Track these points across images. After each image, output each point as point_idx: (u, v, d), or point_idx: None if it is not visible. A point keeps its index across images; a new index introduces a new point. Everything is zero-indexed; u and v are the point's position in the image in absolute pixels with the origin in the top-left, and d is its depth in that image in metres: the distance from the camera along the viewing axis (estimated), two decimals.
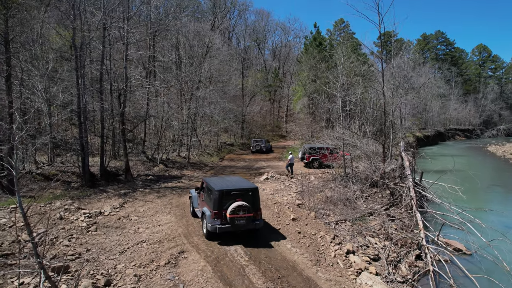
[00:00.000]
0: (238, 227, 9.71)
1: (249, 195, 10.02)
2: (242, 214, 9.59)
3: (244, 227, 9.79)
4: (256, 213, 10.00)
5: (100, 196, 14.85)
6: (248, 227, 9.87)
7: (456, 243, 11.61)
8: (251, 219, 9.82)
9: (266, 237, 10.22)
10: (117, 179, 20.30)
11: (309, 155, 23.64)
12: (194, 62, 28.68)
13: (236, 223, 9.60)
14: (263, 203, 13.59)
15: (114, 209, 12.91)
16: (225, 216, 9.60)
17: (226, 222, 9.61)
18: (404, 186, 17.21)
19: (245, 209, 9.63)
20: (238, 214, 9.56)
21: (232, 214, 9.50)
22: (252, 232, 10.47)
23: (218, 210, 9.60)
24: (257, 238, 10.12)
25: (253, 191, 10.15)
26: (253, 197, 10.08)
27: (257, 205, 10.14)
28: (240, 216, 9.59)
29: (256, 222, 9.99)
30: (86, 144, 18.57)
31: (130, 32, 21.45)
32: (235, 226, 9.64)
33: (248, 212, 9.67)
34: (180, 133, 27.19)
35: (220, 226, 9.54)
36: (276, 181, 18.52)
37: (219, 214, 9.60)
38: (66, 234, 10.02)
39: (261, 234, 10.48)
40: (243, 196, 9.90)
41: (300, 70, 38.95)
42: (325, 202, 14.26)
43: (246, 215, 9.63)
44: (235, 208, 9.53)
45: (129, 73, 22.01)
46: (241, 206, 9.59)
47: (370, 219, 13.72)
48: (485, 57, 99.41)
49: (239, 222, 9.63)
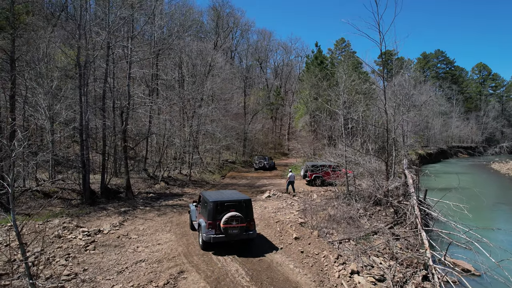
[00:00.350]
0: (232, 237, 10.04)
1: (242, 206, 10.42)
2: (235, 224, 9.96)
3: (238, 237, 10.13)
4: (249, 224, 10.33)
5: (100, 214, 14.65)
6: (242, 237, 10.21)
7: (464, 263, 11.27)
8: (244, 229, 10.18)
9: (268, 257, 9.95)
10: (117, 196, 20.12)
11: (311, 172, 23.45)
12: (196, 81, 29.00)
13: (229, 232, 9.95)
14: (265, 222, 13.36)
15: (114, 227, 12.68)
16: (219, 227, 9.95)
17: (220, 232, 9.97)
18: (408, 204, 16.91)
19: (238, 219, 10.00)
20: (231, 224, 9.92)
21: (225, 224, 9.85)
22: (246, 244, 10.72)
23: (212, 221, 9.99)
24: (258, 257, 9.85)
25: (246, 203, 10.56)
26: (246, 208, 10.47)
27: (250, 216, 10.52)
28: (233, 226, 9.95)
29: (249, 232, 10.34)
30: (88, 161, 18.53)
31: (134, 51, 21.80)
32: (229, 236, 9.98)
33: (241, 222, 10.03)
34: (182, 150, 27.16)
35: (214, 236, 9.93)
36: (278, 199, 18.28)
37: (213, 224, 9.99)
38: (63, 253, 9.79)
39: (262, 253, 10.21)
40: (237, 207, 10.30)
41: (301, 88, 39.27)
42: (328, 221, 13.99)
43: (239, 225, 10.00)
44: (228, 218, 9.89)
45: (132, 91, 22.22)
46: (234, 217, 9.95)
47: (374, 238, 13.40)
48: (485, 76, 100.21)
49: (233, 232, 9.98)
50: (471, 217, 15.40)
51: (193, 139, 27.18)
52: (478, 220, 16.47)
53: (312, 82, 33.59)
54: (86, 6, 19.29)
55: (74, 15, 21.10)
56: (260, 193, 20.85)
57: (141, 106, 22.12)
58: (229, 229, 9.94)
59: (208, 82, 28.64)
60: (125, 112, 21.19)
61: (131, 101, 21.52)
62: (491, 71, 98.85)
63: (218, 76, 31.05)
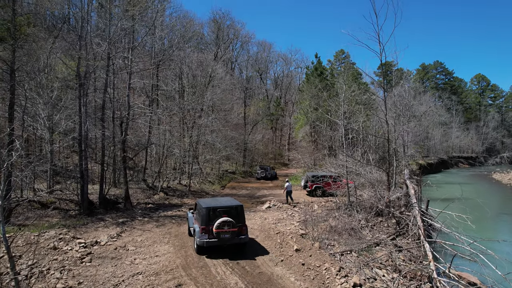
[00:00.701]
0: (224, 241, 10.51)
1: (234, 212, 10.89)
2: (227, 229, 10.43)
3: (230, 241, 10.58)
4: (240, 228, 10.75)
5: (97, 225, 14.41)
6: (233, 241, 10.66)
7: (469, 276, 11.00)
8: (236, 233, 10.62)
9: (268, 269, 9.71)
10: (116, 207, 19.89)
11: (312, 183, 23.24)
12: (197, 91, 29.05)
13: (221, 237, 10.42)
14: (265, 233, 13.13)
15: (111, 239, 12.45)
16: (212, 231, 10.40)
17: (213, 236, 10.42)
18: (410, 215, 16.68)
19: (230, 224, 10.47)
20: (223, 229, 10.38)
21: (217, 229, 10.33)
22: (239, 248, 11.11)
23: (205, 226, 10.46)
24: (258, 270, 9.60)
25: (237, 209, 11.04)
26: (237, 213, 10.93)
27: (242, 221, 10.94)
28: (225, 231, 10.42)
29: (241, 237, 10.77)
30: (86, 171, 18.37)
31: (134, 62, 21.87)
32: (221, 240, 10.45)
33: (233, 227, 10.50)
34: (181, 161, 27.00)
35: (207, 240, 10.38)
36: (279, 210, 18.05)
37: (206, 229, 10.44)
38: (58, 265, 9.55)
39: (263, 265, 9.97)
40: (229, 212, 10.79)
41: (301, 99, 39.36)
42: (329, 232, 13.75)
43: (231, 230, 10.46)
44: (220, 223, 10.37)
45: (132, 102, 22.21)
46: (226, 222, 10.44)
47: (377, 249, 13.14)
48: (484, 86, 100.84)
49: (224, 237, 10.46)
50: (475, 228, 15.13)
51: (193, 150, 27.05)
52: (482, 231, 16.22)
53: (312, 92, 33.66)
54: (87, 17, 19.37)
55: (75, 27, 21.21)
56: (260, 204, 20.61)
57: (141, 116, 22.04)
58: (221, 233, 10.39)
59: (208, 93, 28.68)
60: (124, 122, 21.12)
61: (131, 111, 21.49)
62: (490, 82, 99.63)
63: (218, 86, 31.12)
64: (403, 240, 14.54)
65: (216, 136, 29.62)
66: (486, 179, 48.16)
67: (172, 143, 24.13)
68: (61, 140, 23.63)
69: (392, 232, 15.26)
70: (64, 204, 19.08)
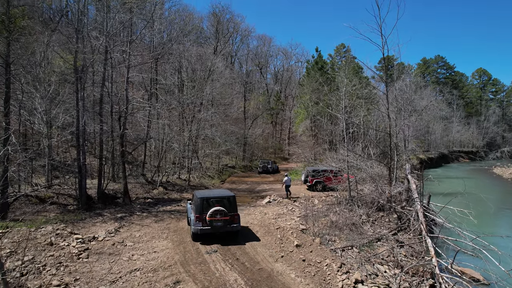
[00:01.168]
0: (217, 229, 11.26)
1: (226, 202, 11.65)
2: (219, 217, 11.15)
3: (222, 229, 11.33)
4: (232, 217, 11.44)
5: (95, 220, 14.25)
6: (226, 229, 11.39)
7: (472, 272, 10.84)
8: (228, 222, 11.34)
9: (268, 265, 9.54)
10: (115, 202, 19.75)
11: (312, 177, 23.05)
12: (196, 85, 28.73)
13: (214, 225, 11.16)
14: (265, 228, 12.96)
15: (109, 234, 12.29)
16: (205, 220, 11.12)
17: (207, 224, 11.15)
18: (412, 210, 16.52)
19: (222, 213, 11.19)
20: (215, 217, 11.12)
21: (210, 217, 11.06)
22: (231, 236, 11.74)
23: (199, 214, 11.20)
24: (259, 266, 9.44)
25: (230, 199, 11.79)
26: (230, 203, 11.66)
27: (234, 210, 11.61)
28: (218, 219, 11.17)
29: (233, 225, 11.47)
30: (84, 166, 18.18)
31: (132, 55, 21.57)
32: (214, 228, 11.20)
33: (225, 216, 11.22)
34: (181, 155, 26.80)
35: (201, 228, 11.13)
36: (279, 205, 17.88)
37: (200, 218, 11.18)
38: (55, 261, 9.39)
39: (262, 261, 9.81)
40: (221, 202, 11.55)
41: (302, 93, 39.02)
42: (330, 227, 13.59)
43: (223, 218, 11.20)
44: (213, 212, 11.09)
45: (130, 96, 21.96)
46: (218, 210, 11.16)
47: (378, 245, 12.99)
48: (485, 81, 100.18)
49: (217, 224, 11.20)
50: (477, 223, 14.99)
51: (193, 144, 26.83)
52: (484, 226, 16.05)
53: (312, 86, 33.34)
54: (84, 10, 19.02)
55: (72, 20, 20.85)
56: (260, 198, 20.45)
57: (140, 110, 21.79)
58: (214, 221, 11.13)
59: (207, 87, 28.39)
60: (123, 117, 20.90)
61: (129, 105, 21.25)
62: (491, 76, 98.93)
63: (218, 81, 30.79)
64: (404, 235, 14.39)
65: (215, 131, 29.38)
66: (487, 174, 48.00)
67: (171, 137, 23.88)
68: (59, 134, 23.41)
69: (394, 227, 15.10)
70: (63, 199, 18.93)
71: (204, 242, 11.38)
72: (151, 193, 22.18)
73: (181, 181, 25.61)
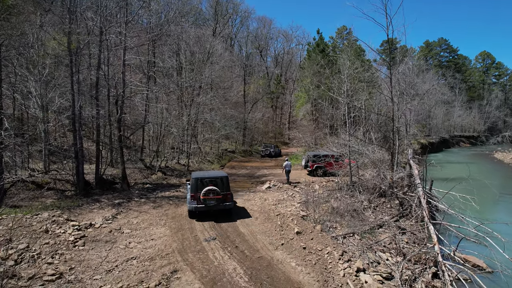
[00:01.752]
0: (210, 207, 12.11)
1: (219, 181, 12.42)
2: (212, 196, 12.00)
3: (215, 207, 12.17)
4: (225, 196, 12.27)
5: (93, 206, 14.03)
6: (219, 207, 12.22)
7: (475, 259, 10.66)
8: (221, 200, 12.17)
9: (268, 253, 9.34)
10: (113, 187, 19.56)
11: (313, 162, 22.76)
12: (195, 68, 28.04)
13: (207, 203, 12.02)
14: (265, 215, 12.74)
15: (106, 221, 12.08)
16: (200, 198, 11.98)
17: (201, 203, 12.02)
18: (414, 196, 16.30)
19: (214, 192, 12.03)
20: (209, 196, 11.96)
21: (204, 196, 11.93)
22: (224, 213, 12.64)
23: (194, 193, 12.09)
24: (258, 254, 9.24)
25: (222, 179, 12.57)
26: (222, 183, 12.42)
27: (226, 190, 12.39)
28: (211, 198, 12.01)
29: (226, 204, 12.31)
30: (81, 151, 17.86)
31: (129, 37, 20.89)
32: (207, 206, 12.06)
33: (217, 195, 12.06)
34: (180, 140, 26.43)
35: (195, 206, 12.06)
36: (279, 190, 17.66)
37: (195, 197, 12.07)
38: (50, 249, 9.18)
39: (262, 248, 9.60)
40: (214, 182, 12.34)
41: (303, 76, 38.27)
42: (331, 214, 13.38)
43: (216, 197, 12.04)
44: (206, 191, 11.95)
45: (127, 79, 21.40)
46: (211, 190, 12.00)
47: (380, 231, 12.80)
48: (488, 64, 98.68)
49: (210, 203, 12.04)
50: (479, 209, 14.78)
51: (192, 128, 26.43)
52: (487, 212, 15.87)
53: (313, 70, 32.62)
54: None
55: None
56: (260, 184, 20.23)
57: (137, 94, 21.27)
58: (207, 200, 11.98)
59: (206, 70, 27.70)
60: (120, 101, 20.44)
61: (126, 89, 20.74)
62: (495, 60, 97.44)
63: (217, 63, 30.05)
64: (406, 222, 14.20)
65: (215, 115, 28.88)
66: (487, 159, 47.75)
67: (170, 121, 23.45)
68: (56, 119, 22.98)
69: (396, 214, 14.90)
70: (60, 185, 18.71)
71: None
72: (150, 178, 21.96)
73: (180, 166, 25.35)
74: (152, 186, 19.98)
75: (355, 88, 31.71)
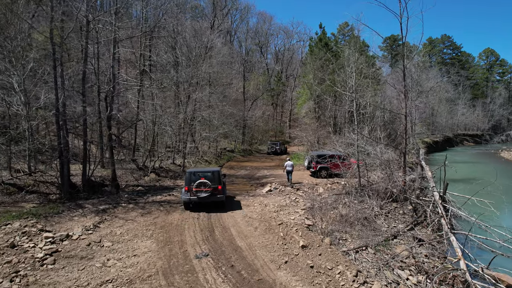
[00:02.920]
0: (202, 199, 12.93)
1: (210, 175, 13.28)
2: (203, 188, 12.85)
3: (207, 199, 12.98)
4: (216, 189, 13.02)
5: (74, 213, 12.60)
6: (211, 199, 13.04)
7: (509, 278, 9.24)
8: (212, 193, 12.96)
9: (269, 275, 7.91)
10: (102, 190, 18.12)
11: (316, 163, 21.31)
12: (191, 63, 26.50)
13: (199, 195, 12.88)
14: (266, 224, 11.33)
15: (86, 231, 10.65)
16: (192, 191, 12.88)
17: (193, 195, 12.92)
18: (428, 201, 14.90)
19: (206, 184, 12.88)
20: (200, 188, 12.84)
21: (196, 188, 12.84)
22: (216, 206, 13.41)
23: (187, 186, 13.02)
24: (258, 276, 7.82)
25: (214, 173, 13.44)
26: (213, 177, 13.22)
27: (218, 183, 13.14)
28: (202, 190, 12.86)
29: (218, 196, 13.10)
30: (66, 150, 16.41)
31: (121, 28, 19.42)
32: (200, 198, 12.90)
33: (209, 187, 12.87)
34: (175, 139, 24.98)
35: (189, 198, 12.99)
36: (281, 194, 16.22)
37: (188, 189, 12.98)
38: (10, 270, 7.75)
39: (263, 268, 8.18)
40: (206, 176, 13.19)
41: (305, 72, 36.74)
42: (339, 222, 11.96)
43: (207, 189, 12.86)
44: (197, 184, 12.86)
45: (119, 75, 19.98)
46: (202, 183, 12.88)
47: (395, 243, 11.39)
48: (492, 61, 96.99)
49: (202, 195, 12.88)
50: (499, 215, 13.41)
51: (188, 126, 24.96)
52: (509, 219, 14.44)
53: (316, 65, 31.10)
54: None
55: None
56: (260, 186, 18.81)
57: (128, 89, 19.82)
58: (199, 192, 12.85)
59: (204, 65, 26.17)
60: (109, 97, 19.01)
61: (116, 84, 19.30)
62: (499, 57, 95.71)
63: (215, 58, 28.52)
64: (422, 231, 12.79)
65: (212, 112, 27.39)
66: (494, 158, 46.28)
67: (164, 119, 21.98)
68: (42, 116, 21.50)
69: (410, 221, 13.48)
70: (45, 187, 17.31)
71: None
72: (142, 180, 20.54)
73: (176, 167, 23.91)
74: (144, 189, 18.56)
75: (360, 84, 30.25)
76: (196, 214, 12.63)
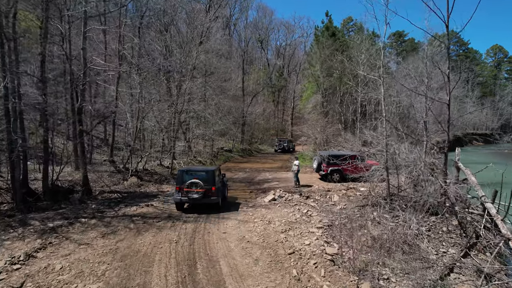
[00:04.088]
0: (193, 200, 11.78)
1: (204, 175, 12.06)
2: (195, 189, 11.73)
3: (199, 201, 11.80)
4: (209, 190, 11.78)
5: (10, 234, 9.28)
6: (203, 201, 11.85)
7: None
8: (204, 194, 11.74)
9: None
10: (69, 197, 14.79)
11: (327, 165, 17.98)
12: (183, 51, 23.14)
13: (190, 196, 11.73)
14: (271, 252, 8.04)
15: (11, 265, 7.35)
16: (183, 191, 11.77)
17: (185, 195, 11.79)
18: (474, 212, 11.61)
19: (197, 185, 11.73)
20: (191, 189, 11.74)
21: (187, 188, 11.76)
22: (211, 207, 12.12)
23: (179, 186, 11.92)
24: None
25: (208, 172, 12.20)
26: (207, 177, 11.99)
27: (211, 184, 11.87)
28: (194, 191, 11.74)
29: (211, 198, 11.86)
30: (22, 147, 13.08)
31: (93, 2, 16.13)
32: (191, 200, 11.76)
33: (201, 188, 11.71)
34: (163, 136, 21.63)
35: (180, 198, 11.88)
36: (288, 205, 12.88)
37: (180, 189, 11.88)
38: None
39: None
40: (199, 176, 12.02)
41: (311, 63, 33.36)
42: (372, 248, 8.63)
43: (199, 190, 11.70)
44: (189, 184, 11.77)
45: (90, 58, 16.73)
46: (194, 183, 11.77)
47: (453, 280, 8.07)
48: (500, 58, 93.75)
49: (193, 196, 11.71)
50: None
51: (178, 121, 21.61)
52: None
53: (324, 55, 27.76)
54: None
55: None
56: (262, 193, 15.51)
57: (101, 74, 16.52)
58: (190, 192, 11.73)
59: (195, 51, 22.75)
60: (80, 85, 15.72)
61: (87, 70, 16.00)
62: (508, 53, 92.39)
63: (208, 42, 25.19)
64: (480, 256, 9.48)
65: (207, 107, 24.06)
66: (510, 157, 43.08)
67: (148, 112, 18.64)
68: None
69: (463, 244, 10.15)
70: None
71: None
72: (121, 185, 17.23)
73: (163, 169, 20.56)
74: (120, 195, 15.27)
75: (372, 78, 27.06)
76: (176, 236, 9.32)
